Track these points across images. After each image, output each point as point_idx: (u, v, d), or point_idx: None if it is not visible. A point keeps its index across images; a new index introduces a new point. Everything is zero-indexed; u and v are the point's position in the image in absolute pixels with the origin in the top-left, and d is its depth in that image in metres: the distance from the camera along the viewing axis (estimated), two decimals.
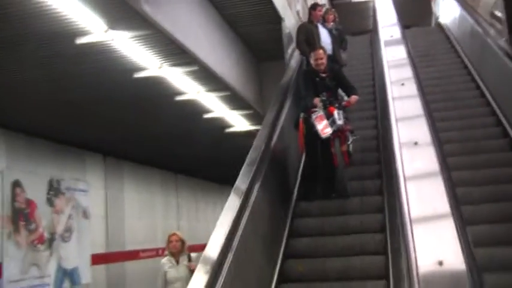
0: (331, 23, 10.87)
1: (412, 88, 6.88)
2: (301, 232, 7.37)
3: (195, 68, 9.16)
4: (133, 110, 11.68)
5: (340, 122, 7.22)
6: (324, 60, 7.74)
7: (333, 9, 11.95)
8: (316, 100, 7.37)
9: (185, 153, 17.18)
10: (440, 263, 4.01)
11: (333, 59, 9.40)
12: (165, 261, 7.90)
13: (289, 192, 8.07)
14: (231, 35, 10.73)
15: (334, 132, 7.26)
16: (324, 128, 7.14)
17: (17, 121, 11.90)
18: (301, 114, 7.61)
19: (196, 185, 22.88)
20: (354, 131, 7.97)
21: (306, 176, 8.09)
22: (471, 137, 8.73)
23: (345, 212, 7.41)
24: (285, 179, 8.02)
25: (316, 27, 10.02)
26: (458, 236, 4.19)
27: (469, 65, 11.65)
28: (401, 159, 5.64)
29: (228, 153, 8.62)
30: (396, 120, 6.43)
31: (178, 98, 10.84)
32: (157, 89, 10.08)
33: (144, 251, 18.13)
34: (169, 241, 8.00)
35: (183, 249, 7.93)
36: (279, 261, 6.96)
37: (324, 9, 11.37)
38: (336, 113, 7.23)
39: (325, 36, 9.94)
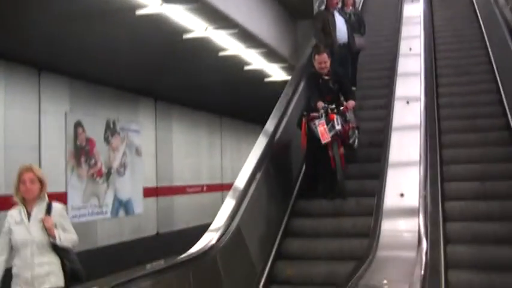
0: (350, 7, 10.70)
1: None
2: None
3: (235, 30, 10.40)
4: (182, 63, 12.64)
5: (338, 127, 7.47)
6: (327, 64, 7.87)
7: None
8: (319, 104, 7.64)
9: (229, 99, 18.07)
10: (402, 195, 5.38)
11: (347, 46, 9.70)
12: (13, 213, 5.30)
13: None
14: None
15: (332, 136, 7.48)
16: (324, 135, 7.42)
17: (80, 70, 12.82)
18: (304, 113, 7.84)
19: (238, 126, 23.36)
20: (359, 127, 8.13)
21: (307, 174, 8.30)
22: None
23: (340, 214, 7.54)
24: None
25: (333, 14, 9.78)
26: (419, 176, 5.53)
27: (483, 29, 12.45)
28: (393, 114, 6.99)
29: (267, 99, 9.55)
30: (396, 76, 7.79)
31: (222, 53, 11.87)
32: (203, 46, 11.14)
33: (190, 186, 19.08)
34: (20, 181, 5.27)
35: (41, 195, 5.34)
36: (292, 200, 8.03)
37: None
38: (335, 119, 7.50)
39: (340, 24, 9.75)
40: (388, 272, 4.12)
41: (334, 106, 7.66)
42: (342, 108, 7.72)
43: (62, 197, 12.77)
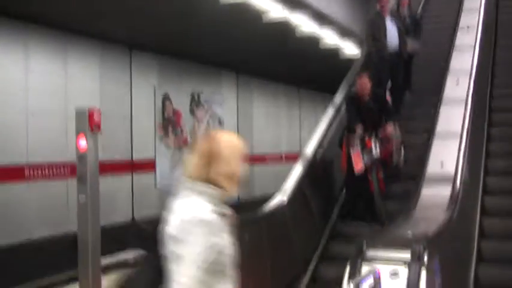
0: (406, 7, 10.40)
1: None
2: None
3: (309, 12, 11.32)
4: (262, 40, 13.55)
5: (375, 152, 7.38)
6: (368, 87, 7.76)
7: None
8: (357, 128, 7.49)
9: (307, 72, 18.67)
10: (442, 166, 6.14)
11: (398, 54, 9.38)
12: None
13: None
14: None
15: (370, 163, 7.38)
16: (358, 164, 7.32)
17: (167, 46, 13.82)
18: (345, 132, 7.77)
19: (316, 98, 23.59)
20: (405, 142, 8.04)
21: (346, 198, 8.09)
22: None
23: None
24: None
25: (384, 21, 9.38)
26: (459, 149, 6.28)
27: None
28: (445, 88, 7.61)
29: (341, 71, 10.19)
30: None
31: (298, 32, 12.67)
32: (281, 27, 11.98)
33: (269, 155, 19.97)
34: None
35: None
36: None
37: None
38: (373, 144, 7.42)
39: (392, 31, 9.37)
40: (417, 226, 4.94)
41: (370, 133, 7.55)
42: (380, 133, 7.64)
43: (150, 164, 14.04)
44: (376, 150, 7.40)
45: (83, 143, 3.94)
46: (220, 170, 2.90)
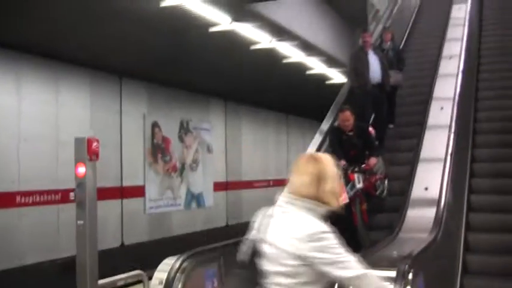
0: (389, 42, 10.53)
1: None
2: None
3: (296, 42, 11.59)
4: (250, 68, 13.77)
5: (359, 185, 7.36)
6: (351, 122, 7.72)
7: (391, 28, 11.74)
8: (341, 162, 7.22)
9: (293, 99, 19.03)
10: (426, 189, 6.34)
11: (381, 86, 9.42)
12: None
13: None
14: (326, 10, 13.09)
15: (353, 195, 7.32)
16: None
17: (156, 74, 14.01)
18: None
19: (304, 124, 23.95)
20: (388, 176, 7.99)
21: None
22: None
23: None
24: None
25: (366, 54, 9.48)
26: (443, 173, 6.48)
27: None
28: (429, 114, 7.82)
29: (329, 98, 10.39)
30: None
31: (286, 60, 13.03)
32: (268, 55, 12.29)
33: (258, 181, 20.09)
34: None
35: None
36: None
37: (376, 34, 11.58)
38: (356, 177, 7.40)
39: (374, 64, 9.43)
40: (403, 247, 5.13)
41: (353, 167, 7.51)
42: (363, 166, 7.59)
43: (140, 190, 14.19)
44: (359, 183, 7.40)
45: (81, 170, 4.11)
46: (327, 188, 3.10)
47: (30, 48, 10.89)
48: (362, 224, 7.40)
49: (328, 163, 3.18)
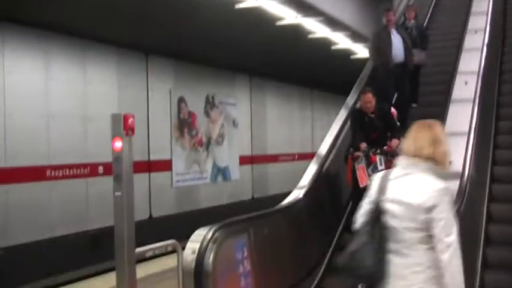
0: (412, 20, 10.46)
1: None
2: None
3: (321, 18, 11.67)
4: (275, 44, 13.89)
5: (381, 167, 7.27)
6: (372, 103, 7.62)
7: (414, 5, 11.41)
8: (362, 145, 7.45)
9: (318, 74, 19.11)
10: (450, 162, 6.45)
11: (403, 65, 9.36)
12: None
13: None
14: None
15: None
16: (362, 178, 7.31)
17: (182, 52, 14.23)
18: (350, 150, 7.64)
19: (328, 98, 23.96)
20: None
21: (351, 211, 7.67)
22: None
23: None
24: None
25: (389, 33, 9.41)
26: (466, 146, 6.60)
27: None
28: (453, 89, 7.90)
29: (353, 73, 10.37)
30: None
31: (311, 36, 13.10)
32: (294, 31, 12.38)
33: (283, 155, 20.40)
34: None
35: None
36: None
37: (399, 10, 11.47)
38: (378, 159, 7.39)
39: (397, 43, 9.37)
40: None
41: (375, 149, 7.48)
42: (385, 148, 7.50)
43: (167, 164, 14.46)
44: (381, 165, 7.37)
45: (118, 144, 4.32)
46: (441, 149, 3.61)
47: (58, 27, 11.09)
48: None
49: (440, 128, 3.70)
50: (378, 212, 3.62)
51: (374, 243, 3.59)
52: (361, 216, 3.80)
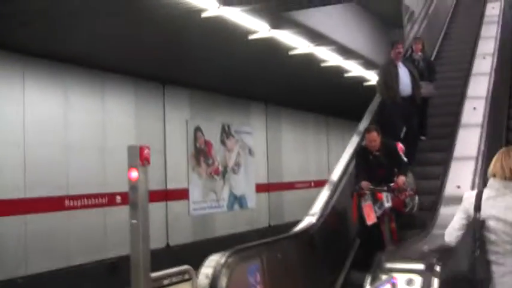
0: (419, 53, 10.35)
1: None
2: None
3: (334, 47, 11.92)
4: (288, 72, 14.05)
5: (388, 204, 7.13)
6: (377, 141, 7.48)
7: (421, 38, 11.18)
8: (365, 184, 7.26)
9: (332, 101, 19.20)
10: (458, 187, 6.57)
11: (411, 98, 9.19)
12: None
13: None
14: (363, 15, 13.33)
15: (382, 214, 7.19)
16: (369, 216, 7.17)
17: (198, 82, 14.49)
18: (356, 187, 7.41)
19: (343, 125, 23.55)
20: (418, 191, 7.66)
21: (361, 244, 7.89)
22: None
23: None
24: None
25: (396, 66, 9.23)
26: (474, 171, 6.70)
27: None
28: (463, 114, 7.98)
29: (368, 100, 10.47)
30: None
31: (323, 64, 13.33)
32: (307, 59, 12.62)
33: (298, 182, 20.35)
34: None
35: None
36: None
37: (407, 43, 11.31)
38: (384, 197, 7.20)
39: (404, 76, 9.19)
40: (434, 242, 5.37)
41: (380, 187, 7.29)
42: (392, 185, 7.29)
43: (184, 193, 14.62)
44: (388, 202, 7.20)
45: (134, 174, 4.52)
46: None
47: (77, 60, 11.39)
48: (391, 243, 7.17)
49: None
50: (475, 227, 4.19)
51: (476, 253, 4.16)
52: (456, 231, 4.36)
